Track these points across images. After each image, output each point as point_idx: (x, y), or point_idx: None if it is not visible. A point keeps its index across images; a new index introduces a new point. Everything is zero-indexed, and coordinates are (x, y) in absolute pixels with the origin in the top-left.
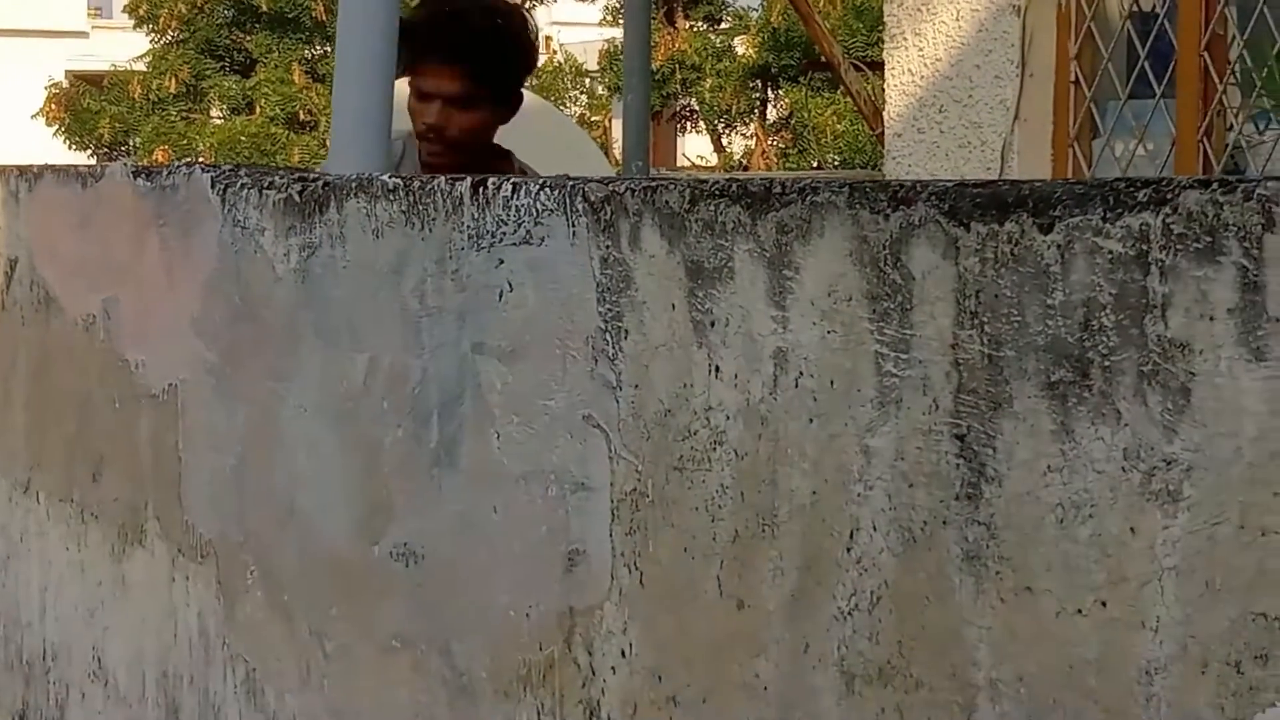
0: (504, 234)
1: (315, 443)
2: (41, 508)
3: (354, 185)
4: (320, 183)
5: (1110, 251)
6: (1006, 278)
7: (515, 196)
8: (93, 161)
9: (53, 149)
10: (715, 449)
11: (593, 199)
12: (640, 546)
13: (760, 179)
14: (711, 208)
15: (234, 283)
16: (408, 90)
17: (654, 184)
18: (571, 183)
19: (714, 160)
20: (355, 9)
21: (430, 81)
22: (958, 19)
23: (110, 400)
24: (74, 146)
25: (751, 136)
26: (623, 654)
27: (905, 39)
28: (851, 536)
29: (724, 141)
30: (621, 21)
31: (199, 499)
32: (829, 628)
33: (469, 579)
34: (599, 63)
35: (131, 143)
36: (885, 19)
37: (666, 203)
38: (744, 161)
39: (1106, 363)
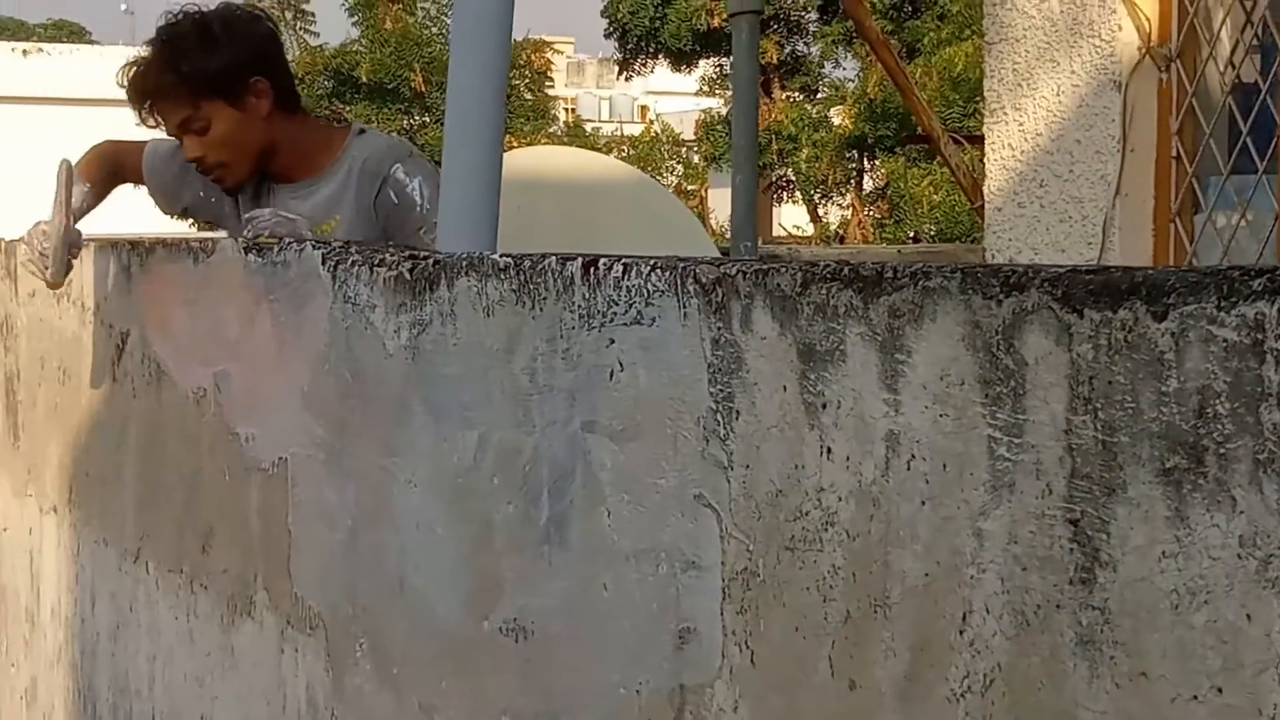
0: (615, 314)
1: (425, 518)
2: (151, 577)
3: (464, 263)
4: (431, 260)
5: (1225, 340)
6: (1120, 364)
7: (626, 277)
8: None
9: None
10: (827, 529)
11: (704, 280)
12: (751, 625)
13: (872, 264)
14: (824, 291)
15: (344, 358)
16: None
17: (766, 266)
18: (683, 264)
19: (810, 230)
20: (464, 84)
21: (165, 126)
22: (1058, 94)
23: (220, 472)
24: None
25: (848, 206)
26: None
27: (1005, 113)
28: (964, 619)
29: (820, 211)
30: (718, 92)
31: (308, 571)
32: (941, 710)
33: (579, 655)
34: (695, 132)
35: None
36: (985, 93)
37: (778, 285)
38: (840, 232)
39: (1222, 450)
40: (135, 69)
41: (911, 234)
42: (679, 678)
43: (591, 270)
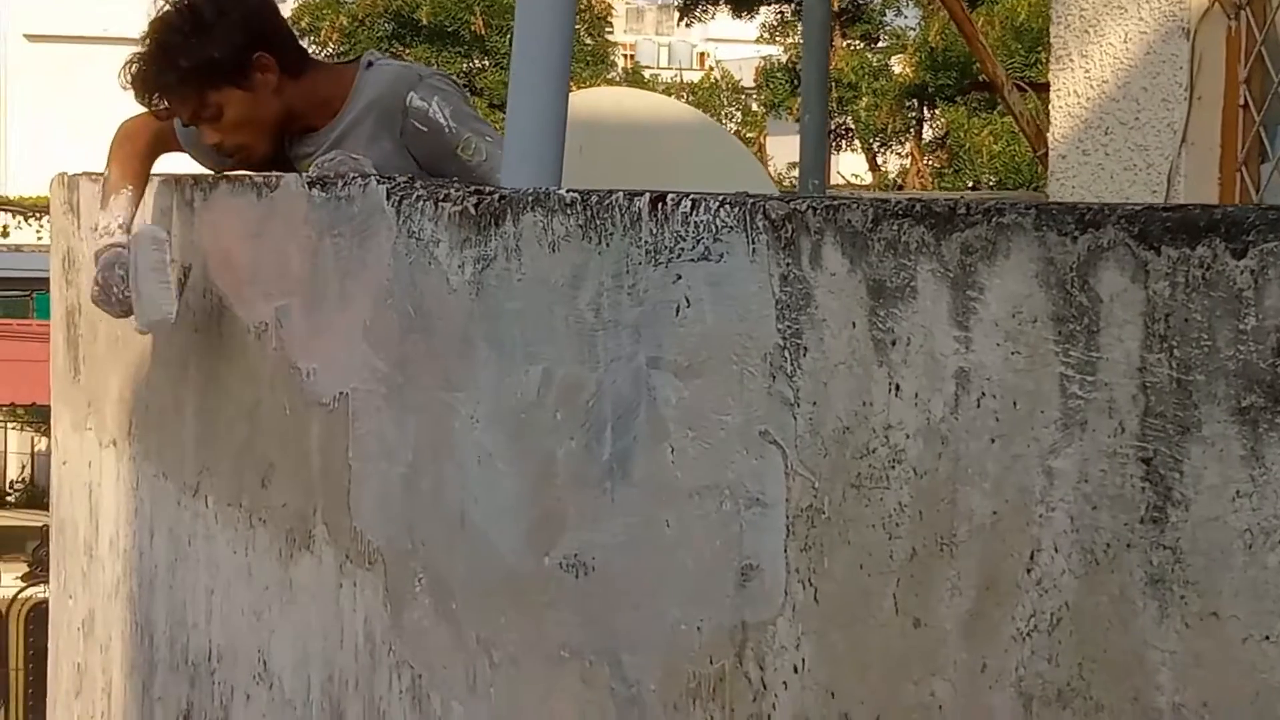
0: (682, 249)
1: (487, 453)
2: (210, 512)
3: (530, 199)
4: (496, 196)
5: None
6: (1197, 302)
7: (694, 213)
8: None
9: None
10: (894, 467)
11: (773, 216)
12: (815, 563)
13: (945, 200)
14: (895, 227)
15: (407, 294)
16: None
17: (836, 202)
18: (752, 200)
19: (868, 179)
20: (531, 21)
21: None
22: (1125, 41)
23: (281, 407)
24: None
25: (907, 155)
26: (795, 670)
27: (1071, 60)
28: (1032, 557)
29: (879, 160)
30: (779, 39)
31: (368, 506)
32: (1007, 649)
33: (640, 591)
34: (755, 80)
35: None
36: (1051, 40)
37: (849, 221)
38: (899, 180)
39: None
40: (135, 68)
41: (970, 183)
42: (741, 615)
43: (659, 206)
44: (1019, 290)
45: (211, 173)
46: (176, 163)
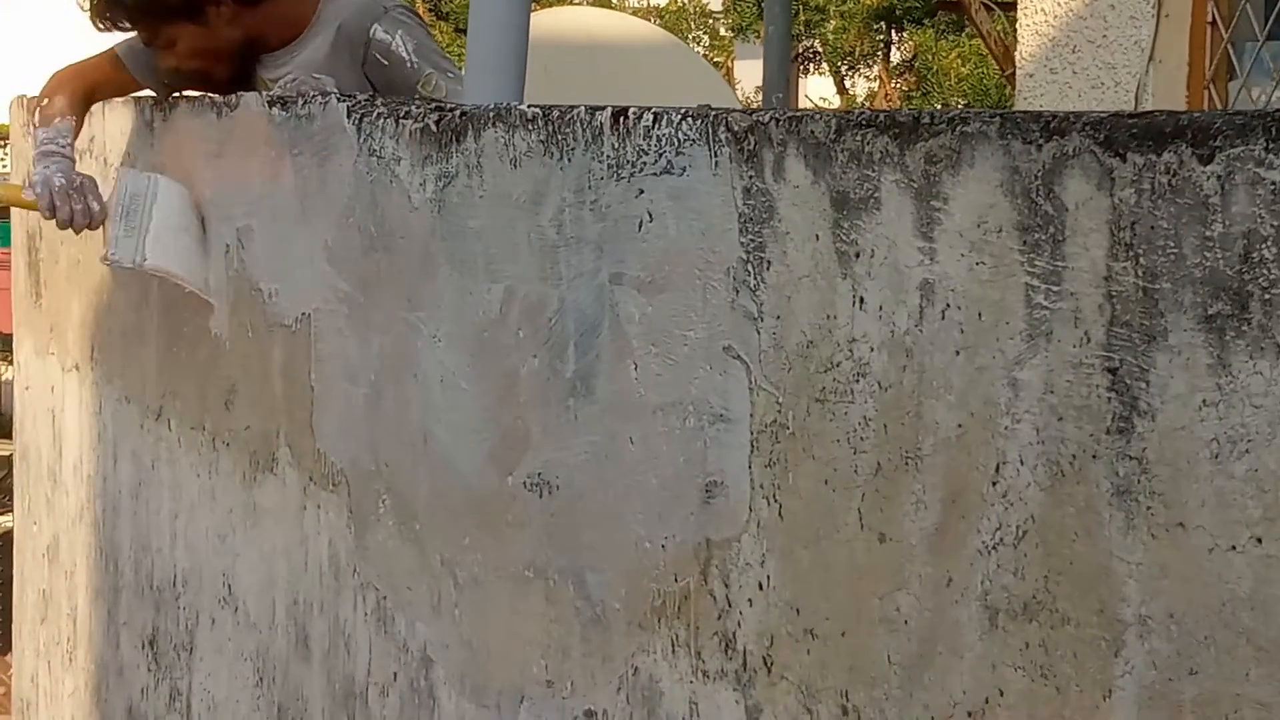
0: (644, 164)
1: (449, 372)
2: (173, 435)
3: (491, 115)
4: (458, 112)
5: (1272, 182)
6: (1163, 209)
7: (656, 126)
8: None
9: None
10: (858, 381)
11: (736, 129)
12: (780, 479)
13: (909, 111)
14: (858, 138)
15: (369, 212)
16: None
17: (799, 114)
18: (714, 113)
19: (837, 102)
20: None
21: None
22: None
23: (243, 329)
24: None
25: (875, 79)
26: (760, 586)
27: None
28: (997, 470)
29: (847, 84)
30: None
31: (331, 428)
32: (973, 562)
33: (604, 510)
34: (722, 3)
35: None
36: None
37: (812, 132)
38: (867, 104)
39: (1267, 296)
40: None
41: (939, 106)
42: (705, 532)
43: (621, 120)
44: (983, 200)
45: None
46: None
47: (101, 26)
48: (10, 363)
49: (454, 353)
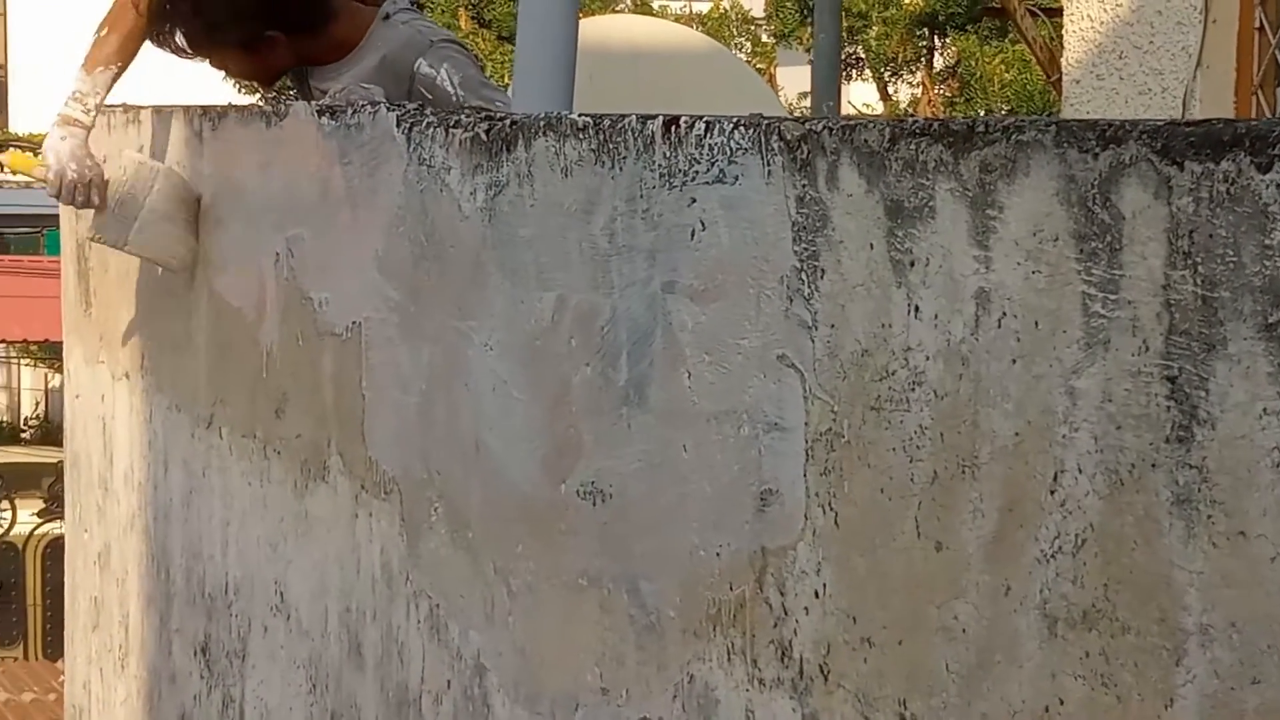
0: (697, 172)
1: (501, 381)
2: (224, 443)
3: (542, 124)
4: (508, 121)
5: None
6: (1221, 217)
7: (708, 135)
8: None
9: (224, 90)
10: (914, 389)
11: (789, 137)
12: (835, 487)
13: (963, 119)
14: (912, 146)
15: (419, 221)
16: None
17: (852, 123)
18: (767, 121)
19: (879, 108)
20: None
21: None
22: None
23: (293, 337)
24: (244, 90)
25: (918, 85)
26: (816, 595)
27: None
28: (1056, 479)
29: (890, 90)
30: None
31: (382, 436)
32: (1031, 570)
33: (658, 518)
34: (765, 9)
35: None
36: None
37: (865, 141)
38: (910, 110)
39: None
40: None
41: (982, 112)
42: (760, 540)
43: (673, 129)
44: (1039, 208)
45: (219, 103)
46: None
47: (155, 40)
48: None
49: (506, 361)
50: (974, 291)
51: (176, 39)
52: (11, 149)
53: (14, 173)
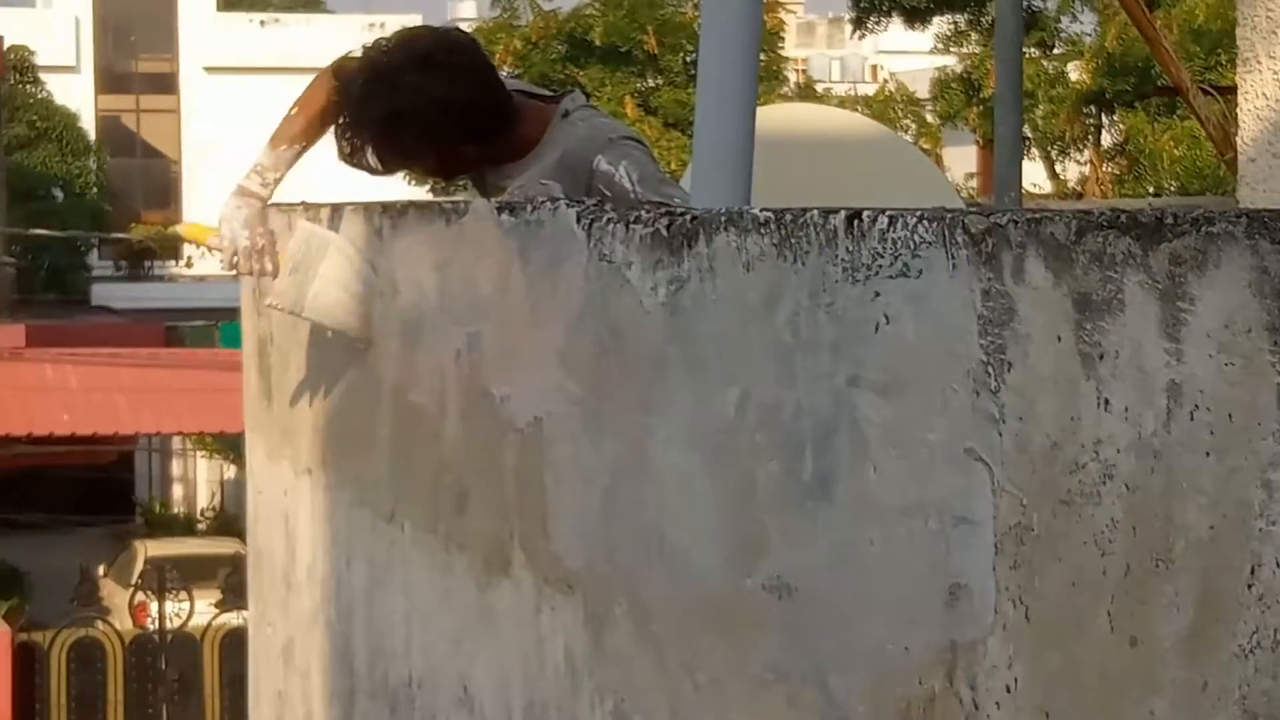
0: (880, 266)
1: (685, 475)
2: (406, 538)
3: (723, 219)
4: (689, 217)
5: None
6: None
7: (892, 229)
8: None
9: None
10: (1105, 483)
11: (973, 231)
12: (1025, 581)
13: (1151, 210)
14: (1100, 239)
15: (600, 317)
16: None
17: (1038, 215)
18: (950, 215)
19: (1047, 187)
20: (716, 41)
21: None
22: None
23: (475, 432)
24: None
25: (1086, 163)
26: (1008, 689)
27: (1259, 62)
28: (1253, 573)
29: (1057, 168)
30: (953, 49)
31: (565, 530)
32: (1229, 666)
33: (845, 612)
34: (930, 91)
35: None
36: (1238, 41)
37: (1052, 234)
38: (1078, 189)
39: None
40: (349, 102)
41: (1151, 189)
42: (950, 635)
43: (855, 223)
44: (1232, 300)
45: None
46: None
47: (347, 164)
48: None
49: (689, 455)
50: (1165, 384)
51: (368, 159)
52: (186, 221)
53: (188, 241)
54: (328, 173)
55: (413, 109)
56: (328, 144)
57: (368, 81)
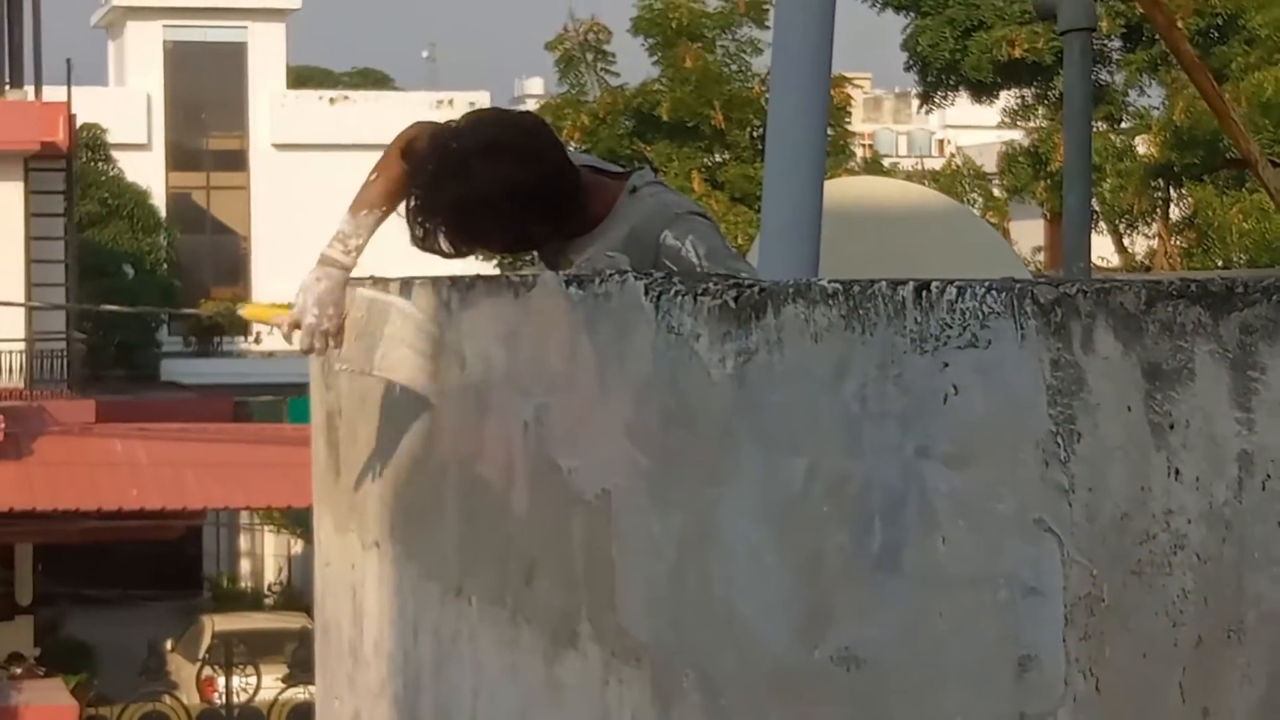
0: (949, 337)
1: (753, 547)
2: (473, 611)
3: (791, 290)
4: (757, 288)
5: None
6: None
7: (960, 300)
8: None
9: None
10: (1176, 553)
11: (1042, 301)
12: (1095, 652)
13: (1221, 279)
14: (1170, 308)
15: (668, 388)
16: None
17: (1107, 285)
18: (1019, 285)
19: (1115, 260)
20: (785, 114)
21: None
22: None
23: (542, 505)
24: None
25: (1154, 236)
26: None
27: None
28: None
29: (1125, 242)
30: (1020, 123)
31: (633, 603)
32: None
33: (914, 684)
34: (997, 165)
35: None
36: None
37: (1121, 304)
38: (1146, 263)
39: None
40: (422, 192)
41: (1220, 262)
42: (1020, 706)
43: (924, 294)
44: None
45: (467, 274)
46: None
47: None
48: (299, 536)
49: (757, 527)
50: (1236, 454)
51: (440, 244)
52: (249, 302)
53: (252, 321)
54: (402, 250)
55: (483, 196)
56: (399, 221)
57: (438, 168)
